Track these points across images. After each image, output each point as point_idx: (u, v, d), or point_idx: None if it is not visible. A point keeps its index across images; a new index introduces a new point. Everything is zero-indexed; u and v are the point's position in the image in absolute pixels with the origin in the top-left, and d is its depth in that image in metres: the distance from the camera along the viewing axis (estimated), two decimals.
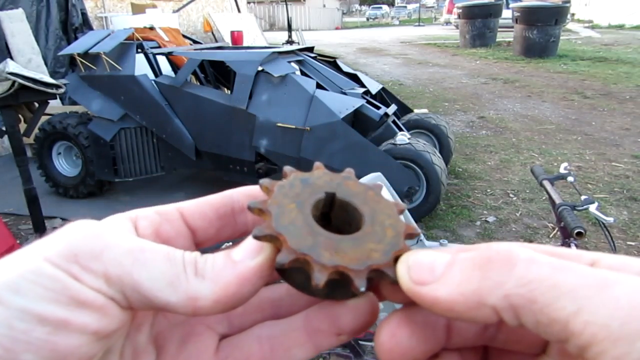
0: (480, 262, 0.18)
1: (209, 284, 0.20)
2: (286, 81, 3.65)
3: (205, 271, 0.21)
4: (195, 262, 0.21)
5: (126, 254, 0.20)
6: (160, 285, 0.20)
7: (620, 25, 20.27)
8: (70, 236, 0.20)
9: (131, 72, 3.93)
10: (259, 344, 0.25)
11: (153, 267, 0.20)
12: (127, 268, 0.20)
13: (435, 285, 0.19)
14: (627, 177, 4.29)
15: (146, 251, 0.20)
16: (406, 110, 4.63)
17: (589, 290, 0.16)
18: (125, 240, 0.21)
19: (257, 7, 28.05)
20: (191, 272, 0.21)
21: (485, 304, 0.17)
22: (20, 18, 5.31)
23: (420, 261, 0.20)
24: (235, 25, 9.15)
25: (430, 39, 18.78)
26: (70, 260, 0.19)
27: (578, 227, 1.50)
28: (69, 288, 0.19)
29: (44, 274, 0.18)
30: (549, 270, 0.16)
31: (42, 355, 0.18)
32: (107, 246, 0.20)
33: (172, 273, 0.20)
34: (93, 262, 0.19)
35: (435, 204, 3.49)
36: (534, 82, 8.98)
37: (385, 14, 46.13)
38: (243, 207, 0.26)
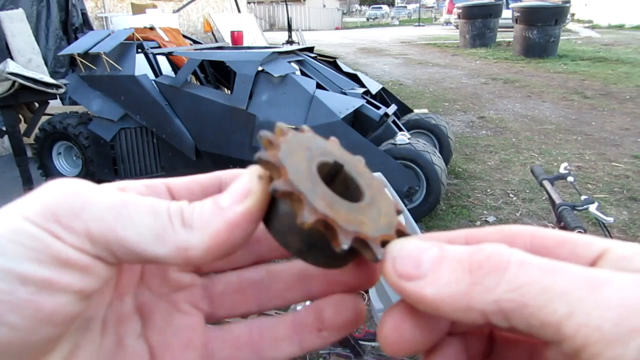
0: (470, 265, 0.18)
1: (198, 234, 0.20)
2: (286, 81, 3.65)
3: (193, 220, 0.20)
4: (181, 211, 0.20)
5: (108, 210, 0.19)
6: (147, 239, 0.19)
7: (620, 25, 20.27)
8: (48, 195, 0.19)
9: (131, 72, 3.93)
10: (249, 330, 0.25)
11: (137, 220, 0.19)
12: (110, 224, 0.19)
13: (421, 282, 0.18)
14: (627, 177, 4.29)
15: (129, 205, 0.20)
16: (406, 110, 4.62)
17: (580, 292, 0.15)
18: (106, 195, 0.20)
19: (257, 7, 28.05)
20: (178, 222, 0.20)
21: (474, 308, 0.17)
22: (20, 18, 5.31)
23: (406, 252, 0.20)
24: (235, 25, 9.15)
25: (430, 39, 18.78)
26: (50, 220, 0.18)
27: (578, 227, 1.50)
28: (51, 247, 0.18)
29: (25, 233, 0.18)
30: (539, 274, 0.16)
31: (26, 315, 0.17)
32: (87, 203, 0.19)
33: (158, 225, 0.20)
34: (74, 220, 0.19)
35: (435, 204, 3.49)
36: (534, 82, 8.98)
37: (385, 14, 46.11)
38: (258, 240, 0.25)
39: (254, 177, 0.21)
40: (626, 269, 0.18)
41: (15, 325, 0.17)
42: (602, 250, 0.19)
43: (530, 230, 0.21)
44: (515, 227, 0.21)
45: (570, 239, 0.20)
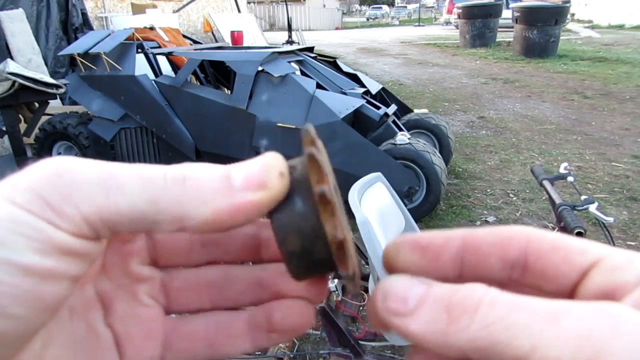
0: (448, 305, 0.18)
1: (200, 206, 0.19)
2: (286, 81, 3.65)
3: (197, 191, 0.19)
4: (183, 178, 0.20)
5: (98, 186, 0.18)
6: (142, 210, 0.19)
7: (620, 25, 20.27)
8: (33, 177, 0.18)
9: (131, 72, 3.93)
10: (206, 325, 0.25)
11: (130, 192, 0.19)
12: (102, 202, 0.18)
13: (407, 318, 0.19)
14: (627, 177, 4.29)
15: (119, 177, 0.19)
16: (406, 110, 4.62)
17: (541, 325, 0.16)
18: (92, 169, 0.19)
19: (257, 7, 28.05)
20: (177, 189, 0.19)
21: (452, 346, 0.18)
22: (20, 18, 5.31)
23: (395, 289, 0.20)
24: (235, 25, 9.15)
25: (430, 39, 18.78)
26: (42, 206, 0.18)
27: (578, 227, 1.50)
28: (52, 237, 0.18)
29: (25, 223, 0.17)
30: (505, 310, 0.17)
31: (30, 305, 0.17)
32: (74, 183, 0.18)
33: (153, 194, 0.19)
34: (65, 205, 0.18)
35: (435, 204, 3.49)
36: (534, 82, 8.98)
37: (385, 14, 46.11)
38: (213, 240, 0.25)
39: (276, 171, 0.21)
40: (620, 279, 0.18)
41: (18, 315, 0.17)
42: (596, 258, 0.20)
43: (527, 232, 0.21)
44: (511, 230, 0.22)
45: (565, 244, 0.20)
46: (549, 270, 0.20)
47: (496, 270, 0.22)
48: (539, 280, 0.21)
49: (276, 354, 1.76)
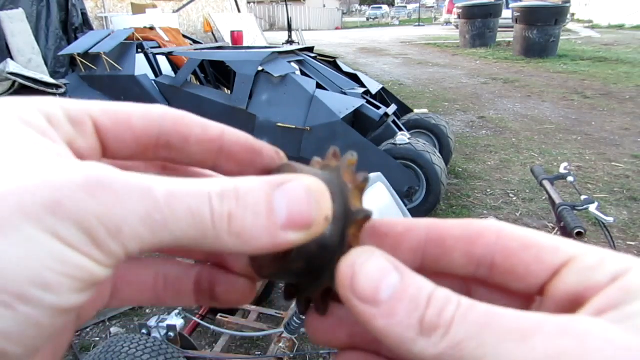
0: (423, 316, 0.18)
1: (241, 244, 0.18)
2: (286, 81, 3.65)
3: (244, 231, 0.18)
4: (229, 217, 0.18)
5: (144, 222, 0.17)
6: (184, 243, 0.18)
7: (620, 25, 20.27)
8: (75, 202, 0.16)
9: (131, 72, 3.93)
10: (155, 278, 0.25)
11: (175, 228, 0.17)
12: (147, 238, 0.17)
13: (374, 309, 0.18)
14: (627, 177, 4.29)
15: (165, 208, 0.17)
16: (406, 110, 4.63)
17: (510, 345, 0.16)
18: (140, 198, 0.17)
19: (257, 7, 28.05)
20: (224, 230, 0.18)
21: (417, 356, 0.17)
22: (20, 18, 5.31)
23: (367, 271, 0.19)
24: (235, 25, 9.15)
25: (430, 39, 18.78)
26: (90, 244, 0.16)
27: (578, 227, 1.50)
28: (94, 274, 0.17)
29: (71, 264, 0.16)
30: (476, 329, 0.17)
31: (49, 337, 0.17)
32: (123, 219, 0.17)
33: (197, 233, 0.18)
34: (112, 243, 0.17)
35: (435, 204, 3.49)
36: (534, 82, 8.98)
37: (385, 14, 46.14)
38: (169, 142, 0.23)
39: (323, 214, 0.19)
40: (590, 279, 0.18)
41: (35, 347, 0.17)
42: (568, 257, 0.19)
43: (497, 228, 0.21)
44: (481, 225, 0.21)
45: (536, 242, 0.20)
46: (518, 269, 0.20)
47: (460, 266, 0.21)
48: (507, 278, 0.20)
49: (276, 354, 1.76)
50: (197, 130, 0.23)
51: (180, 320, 1.76)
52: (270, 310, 2.13)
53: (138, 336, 1.54)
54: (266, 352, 1.81)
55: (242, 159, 0.24)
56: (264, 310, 2.14)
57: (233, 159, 0.24)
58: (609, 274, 0.18)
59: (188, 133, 0.22)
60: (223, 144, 0.23)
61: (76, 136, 0.20)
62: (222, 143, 0.23)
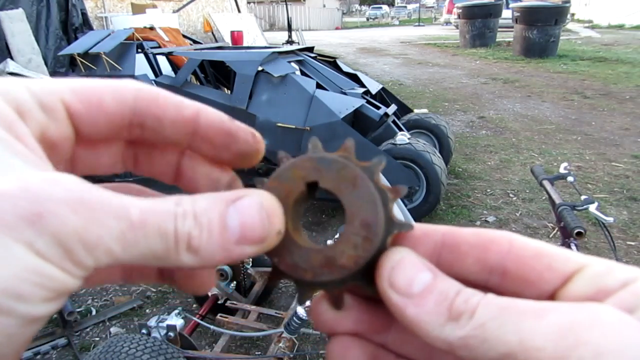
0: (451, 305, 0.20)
1: (198, 259, 0.19)
2: (286, 81, 3.65)
3: (200, 248, 0.19)
4: (189, 237, 0.19)
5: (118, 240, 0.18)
6: (148, 260, 0.19)
7: (620, 25, 20.27)
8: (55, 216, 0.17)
9: (131, 72, 3.93)
10: None
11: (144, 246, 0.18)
12: (118, 255, 0.18)
13: (407, 300, 0.20)
14: (627, 177, 4.29)
15: (137, 229, 0.18)
16: (406, 110, 4.63)
17: (528, 321, 0.18)
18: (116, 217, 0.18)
19: (257, 7, 28.05)
20: (183, 247, 0.19)
21: (444, 340, 0.19)
22: (20, 18, 5.31)
23: (403, 267, 0.21)
24: (235, 25, 9.16)
25: (430, 39, 18.78)
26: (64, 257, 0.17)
27: (578, 227, 1.50)
28: (66, 285, 0.17)
29: (45, 276, 0.17)
30: (497, 311, 0.19)
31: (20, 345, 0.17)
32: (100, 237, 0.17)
33: (162, 251, 0.19)
34: (86, 258, 0.17)
35: (435, 203, 3.49)
36: (534, 82, 8.98)
37: (385, 14, 46.14)
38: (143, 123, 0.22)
39: (275, 229, 0.21)
40: (602, 284, 0.20)
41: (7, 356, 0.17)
42: (578, 266, 0.21)
43: (509, 238, 0.22)
44: (493, 234, 0.22)
45: (548, 252, 0.21)
46: (530, 276, 0.21)
47: (473, 272, 0.22)
48: (519, 285, 0.21)
49: (276, 354, 1.76)
50: (172, 111, 0.22)
51: (180, 320, 1.75)
52: (270, 310, 2.13)
53: (138, 336, 1.54)
54: (266, 352, 1.81)
55: (217, 142, 0.24)
56: (264, 310, 2.14)
57: (208, 141, 0.24)
58: (619, 280, 0.19)
59: (162, 114, 0.22)
60: (198, 125, 0.23)
61: (48, 123, 0.20)
62: (197, 125, 0.23)
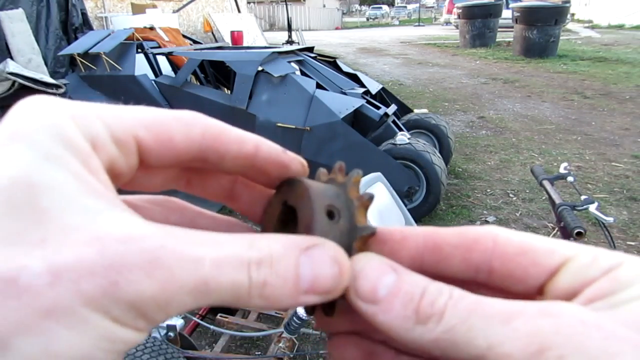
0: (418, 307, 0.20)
1: (266, 303, 0.20)
2: (286, 81, 3.65)
3: (272, 296, 0.19)
4: (263, 284, 0.19)
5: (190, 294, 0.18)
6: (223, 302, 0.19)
7: (620, 25, 20.27)
8: (133, 288, 0.17)
9: (131, 72, 3.93)
10: None
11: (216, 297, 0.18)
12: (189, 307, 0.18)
13: (375, 307, 0.20)
14: (627, 177, 4.29)
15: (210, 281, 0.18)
16: (406, 110, 4.63)
17: (496, 327, 0.18)
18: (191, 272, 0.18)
19: (257, 7, 28.05)
20: (256, 295, 0.19)
21: (415, 342, 0.19)
22: (20, 18, 5.31)
23: (366, 274, 0.21)
24: (235, 25, 9.16)
25: (430, 39, 18.78)
26: (138, 319, 0.17)
27: (578, 227, 1.50)
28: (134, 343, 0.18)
29: (117, 339, 0.17)
30: (466, 314, 0.19)
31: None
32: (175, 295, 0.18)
33: (234, 298, 0.19)
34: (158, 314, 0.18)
35: (435, 204, 3.49)
36: (534, 82, 8.98)
37: (385, 14, 46.16)
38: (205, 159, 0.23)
39: (343, 284, 0.21)
40: (585, 276, 0.20)
41: None
42: (564, 259, 0.21)
43: (492, 234, 0.22)
44: (476, 232, 0.22)
45: (532, 246, 0.21)
46: (516, 273, 0.21)
47: (459, 272, 0.22)
48: (506, 282, 0.22)
49: (276, 354, 1.76)
50: (234, 147, 0.24)
51: (180, 320, 1.75)
52: (270, 310, 2.13)
53: None
54: (266, 352, 1.81)
55: (272, 173, 0.25)
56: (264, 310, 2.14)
57: (264, 172, 0.25)
58: (602, 269, 0.20)
59: (225, 151, 0.24)
60: (256, 159, 0.24)
61: (118, 157, 0.21)
62: (256, 158, 0.24)
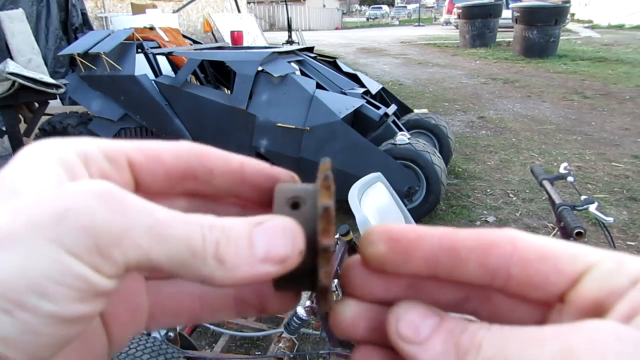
0: (457, 343, 0.20)
1: (224, 272, 0.20)
2: (286, 81, 3.65)
3: (226, 258, 0.20)
4: (216, 244, 0.20)
5: (145, 235, 0.19)
6: (175, 264, 0.19)
7: (620, 25, 20.27)
8: (84, 212, 0.18)
9: (131, 72, 3.93)
10: (190, 300, 0.26)
11: (171, 246, 0.19)
12: (145, 250, 0.19)
13: (417, 347, 0.21)
14: (627, 177, 4.29)
15: (164, 227, 0.19)
16: (406, 110, 4.63)
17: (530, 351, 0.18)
18: (144, 213, 0.19)
19: (257, 7, 28.05)
20: (210, 254, 0.20)
21: None
22: (20, 18, 5.31)
23: (409, 317, 0.22)
24: (235, 25, 9.16)
25: (430, 39, 18.78)
26: (93, 252, 0.18)
27: (578, 227, 1.50)
28: (95, 285, 0.18)
29: (71, 274, 0.17)
30: (502, 344, 0.19)
31: (55, 347, 0.18)
32: (129, 227, 0.18)
33: (189, 254, 0.19)
34: (115, 250, 0.18)
35: (435, 204, 3.49)
36: (534, 82, 8.98)
37: (385, 14, 46.15)
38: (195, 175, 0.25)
39: (297, 249, 0.22)
40: (611, 284, 0.19)
41: (43, 358, 0.18)
42: (587, 265, 0.20)
43: (511, 239, 0.21)
44: (494, 235, 0.21)
45: (553, 253, 0.20)
46: (536, 279, 0.21)
47: (475, 276, 0.22)
48: (525, 289, 0.21)
49: (276, 354, 1.76)
50: (220, 162, 0.25)
51: None
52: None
53: (138, 336, 1.54)
54: (266, 352, 1.81)
55: (263, 186, 0.26)
56: None
57: (255, 187, 0.26)
58: (629, 278, 0.19)
59: (212, 165, 0.25)
60: (244, 173, 0.25)
61: (111, 171, 0.22)
62: (243, 172, 0.25)
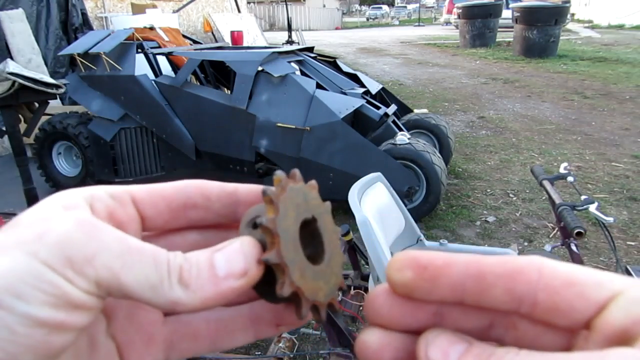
0: None
1: (191, 294, 0.22)
2: (286, 81, 3.65)
3: (190, 281, 0.22)
4: (180, 269, 0.22)
5: (116, 258, 0.21)
6: (144, 289, 0.21)
7: (620, 25, 20.27)
8: (61, 234, 0.20)
9: (131, 72, 3.93)
10: (207, 324, 0.27)
11: (139, 270, 0.21)
12: (116, 271, 0.21)
13: None
14: (627, 177, 4.29)
15: (134, 253, 0.21)
16: (406, 110, 4.63)
17: None
18: (116, 240, 0.21)
19: (257, 7, 28.05)
20: (175, 279, 0.22)
21: None
22: (20, 18, 5.30)
23: (439, 342, 0.22)
24: (235, 25, 9.15)
25: (430, 39, 18.78)
26: (65, 265, 0.20)
27: (578, 227, 1.50)
28: (68, 294, 0.20)
29: (45, 280, 0.19)
30: None
31: (38, 354, 0.20)
32: (100, 250, 0.21)
33: (156, 278, 0.21)
34: (86, 266, 0.20)
35: (435, 203, 3.49)
36: (534, 82, 8.98)
37: (385, 14, 46.13)
38: (195, 203, 0.27)
39: (254, 260, 0.23)
40: (636, 314, 0.19)
41: None
42: (613, 292, 0.20)
43: (537, 265, 0.21)
44: (521, 262, 0.22)
45: (579, 279, 0.21)
46: (562, 306, 0.21)
47: (502, 302, 0.22)
48: (550, 315, 0.21)
49: (276, 354, 1.76)
50: (216, 189, 0.28)
51: None
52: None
53: None
54: (266, 352, 1.81)
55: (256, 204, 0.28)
56: None
57: (249, 206, 0.27)
58: None
59: (209, 192, 0.28)
60: (238, 196, 0.28)
61: (115, 207, 0.24)
62: (237, 195, 0.28)
